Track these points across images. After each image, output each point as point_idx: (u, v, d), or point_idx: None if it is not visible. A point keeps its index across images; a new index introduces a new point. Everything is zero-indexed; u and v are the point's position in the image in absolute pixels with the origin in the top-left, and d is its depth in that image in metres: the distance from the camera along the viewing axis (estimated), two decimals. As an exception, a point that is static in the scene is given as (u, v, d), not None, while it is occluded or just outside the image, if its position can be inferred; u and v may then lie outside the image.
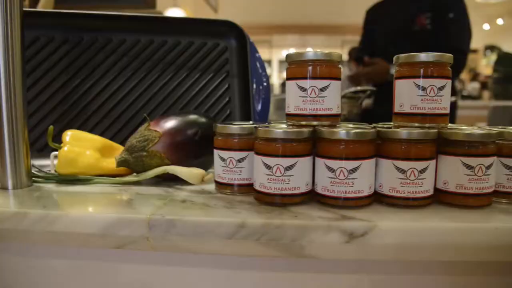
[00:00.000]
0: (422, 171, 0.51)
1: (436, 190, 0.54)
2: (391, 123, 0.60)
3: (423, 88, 0.55)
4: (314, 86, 0.55)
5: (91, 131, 0.71)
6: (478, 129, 0.54)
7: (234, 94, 0.75)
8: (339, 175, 0.51)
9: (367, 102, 1.00)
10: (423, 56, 0.55)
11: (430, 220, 0.48)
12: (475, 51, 6.35)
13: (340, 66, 0.57)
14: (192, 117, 0.63)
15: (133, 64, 0.72)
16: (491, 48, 4.15)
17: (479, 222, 0.48)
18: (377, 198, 0.54)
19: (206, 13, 6.34)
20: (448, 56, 0.56)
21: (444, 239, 0.47)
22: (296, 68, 0.56)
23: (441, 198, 0.54)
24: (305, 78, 0.55)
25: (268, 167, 0.52)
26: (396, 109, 0.57)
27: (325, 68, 0.55)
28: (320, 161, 0.52)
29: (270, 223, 0.47)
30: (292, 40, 8.17)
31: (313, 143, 0.54)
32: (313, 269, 0.53)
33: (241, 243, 0.48)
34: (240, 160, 0.57)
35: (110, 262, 0.56)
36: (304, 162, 0.52)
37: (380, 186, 0.53)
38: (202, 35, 0.75)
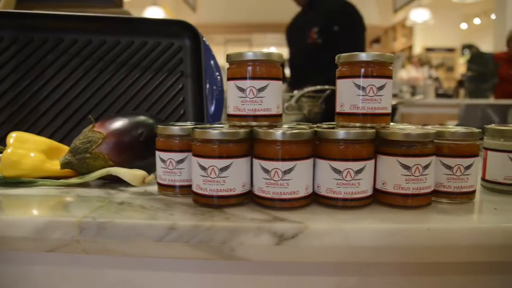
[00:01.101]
0: (359, 171, 0.51)
1: (375, 190, 0.54)
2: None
3: (363, 88, 0.54)
4: (252, 87, 0.54)
5: (41, 132, 0.70)
6: (416, 129, 0.54)
7: (188, 95, 0.74)
8: (273, 176, 0.50)
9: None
10: (363, 56, 0.54)
11: (363, 222, 0.48)
12: (452, 50, 6.41)
13: (280, 66, 0.57)
14: (138, 118, 0.63)
15: (85, 65, 0.71)
16: (468, 47, 4.17)
17: (412, 223, 0.48)
18: (316, 199, 0.54)
19: (185, 12, 6.32)
20: (389, 56, 0.55)
21: (376, 241, 0.46)
22: (236, 68, 0.55)
23: (380, 198, 0.54)
24: (244, 78, 0.54)
25: (203, 168, 0.51)
26: (338, 109, 0.57)
27: (264, 68, 0.54)
28: (256, 162, 0.52)
29: (200, 225, 0.47)
30: (272, 39, 8.15)
31: (250, 144, 0.53)
32: (246, 271, 0.53)
33: (171, 246, 0.47)
34: (180, 162, 0.56)
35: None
36: (240, 163, 0.52)
37: (318, 187, 0.53)
38: (156, 35, 0.74)
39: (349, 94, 0.55)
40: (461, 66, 6.39)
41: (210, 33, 7.66)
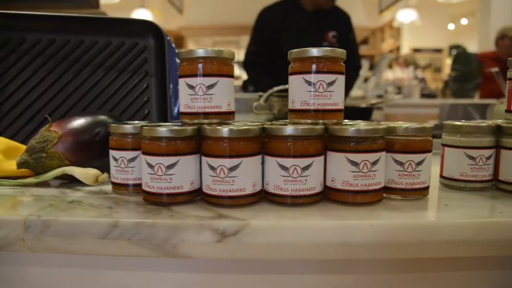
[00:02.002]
0: (306, 168, 0.50)
1: (326, 187, 0.54)
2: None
3: (313, 84, 0.54)
4: (202, 84, 0.54)
5: (4, 132, 0.70)
6: (366, 125, 0.53)
7: (152, 94, 0.74)
8: (219, 174, 0.50)
9: None
10: (313, 51, 0.54)
11: (306, 219, 0.48)
12: (439, 50, 6.42)
13: (232, 63, 0.57)
14: (95, 117, 0.63)
15: (48, 64, 0.71)
16: (456, 47, 4.17)
17: (356, 220, 0.47)
18: (266, 197, 0.53)
19: (173, 14, 6.34)
20: (340, 51, 0.55)
21: (316, 238, 0.46)
22: (187, 66, 0.55)
23: (330, 195, 0.53)
24: (194, 76, 0.54)
25: (150, 166, 0.51)
26: (289, 105, 0.57)
27: (213, 66, 0.54)
28: (203, 160, 0.52)
29: (142, 223, 0.47)
30: None
31: (199, 142, 0.53)
32: (191, 269, 0.52)
33: (115, 243, 0.47)
34: (131, 160, 0.56)
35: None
36: (188, 161, 0.52)
37: (267, 184, 0.53)
38: (120, 35, 0.74)
39: (299, 91, 0.55)
40: (448, 66, 6.40)
41: (198, 35, 7.65)
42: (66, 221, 0.48)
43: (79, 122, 0.62)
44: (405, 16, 5.56)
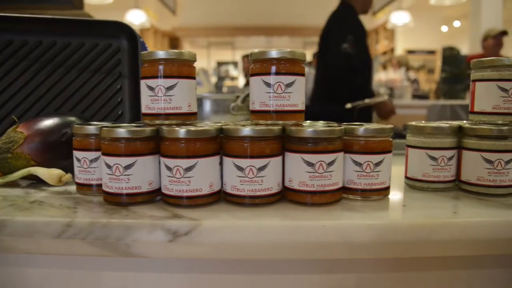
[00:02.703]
0: (261, 168, 0.51)
1: (285, 187, 0.54)
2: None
3: (271, 85, 0.54)
4: (161, 85, 0.54)
5: (-24, 133, 0.71)
6: (323, 126, 0.54)
7: (125, 95, 0.75)
8: (175, 174, 0.51)
9: None
10: (272, 53, 0.54)
11: (260, 219, 0.48)
12: (433, 52, 6.46)
13: (194, 65, 0.57)
14: (62, 119, 0.63)
15: (20, 66, 0.72)
16: (449, 49, 4.18)
17: (309, 220, 0.48)
18: (225, 197, 0.54)
19: (166, 15, 6.36)
20: (299, 53, 0.55)
21: (269, 238, 0.46)
22: (148, 67, 0.55)
23: (288, 196, 0.54)
24: (155, 77, 0.55)
25: (109, 166, 0.52)
26: (250, 106, 0.57)
27: (173, 67, 0.55)
28: (161, 160, 0.52)
29: (96, 222, 0.47)
30: (255, 42, 8.27)
31: (159, 142, 0.53)
32: (146, 268, 0.53)
33: (69, 243, 0.48)
34: (94, 161, 0.56)
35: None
36: (146, 161, 0.52)
37: (225, 184, 0.53)
38: (94, 36, 0.75)
39: (259, 92, 0.55)
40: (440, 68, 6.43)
41: (193, 35, 7.67)
42: (22, 221, 0.48)
43: (46, 123, 0.62)
44: (399, 18, 5.61)
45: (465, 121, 0.66)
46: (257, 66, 0.56)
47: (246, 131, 0.51)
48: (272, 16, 6.03)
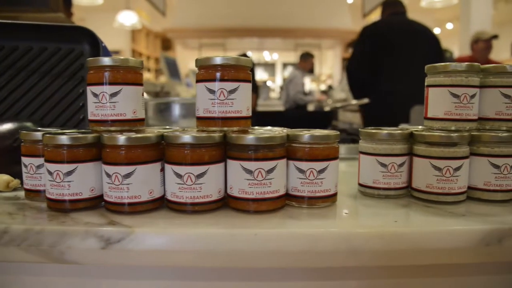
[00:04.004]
0: (200, 176, 0.51)
1: (227, 195, 0.54)
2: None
3: (214, 92, 0.54)
4: (105, 92, 0.54)
5: None
6: (268, 132, 0.53)
7: (87, 100, 0.75)
8: (114, 181, 0.51)
9: None
10: (216, 59, 0.54)
11: (194, 227, 0.48)
12: None
13: (140, 71, 0.57)
14: (16, 124, 0.64)
15: (-18, 71, 0.73)
16: (443, 51, 4.16)
17: (242, 228, 0.47)
18: (166, 204, 0.54)
19: (159, 16, 6.37)
20: (244, 60, 0.55)
21: (202, 246, 0.46)
22: (93, 74, 0.55)
23: (229, 203, 0.53)
24: (100, 84, 0.55)
25: (50, 173, 0.52)
26: (196, 113, 0.57)
27: (118, 74, 0.55)
28: (103, 167, 0.52)
29: (31, 229, 0.47)
30: (247, 43, 8.26)
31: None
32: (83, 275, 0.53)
33: (5, 249, 0.48)
34: (40, 167, 0.56)
35: None
36: (87, 168, 0.52)
37: (166, 191, 0.53)
38: (56, 41, 0.75)
39: (203, 98, 0.55)
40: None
41: (184, 37, 7.66)
42: (-41, 227, 0.48)
43: (-2, 128, 0.63)
44: None
45: (420, 127, 0.65)
46: (202, 72, 0.55)
47: (185, 138, 0.51)
48: (264, 18, 6.00)
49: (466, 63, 0.59)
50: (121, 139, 0.50)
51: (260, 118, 1.67)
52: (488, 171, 0.57)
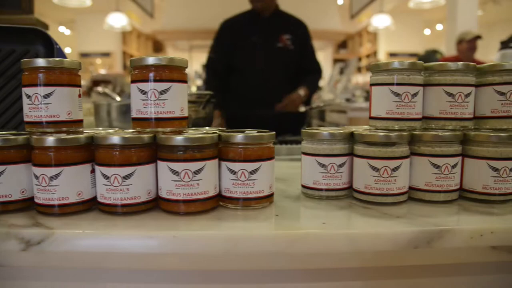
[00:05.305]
0: (127, 177, 0.50)
1: (158, 196, 0.53)
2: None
3: (145, 92, 0.54)
4: (37, 94, 0.54)
5: None
6: (198, 134, 0.53)
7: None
8: (41, 182, 0.50)
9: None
10: (148, 60, 0.54)
11: (113, 229, 0.47)
12: (415, 55, 6.43)
13: (78, 73, 0.57)
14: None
15: None
16: (433, 52, 4.09)
17: (162, 230, 0.47)
18: (98, 206, 0.53)
19: (148, 19, 6.37)
20: (179, 60, 0.55)
21: (117, 248, 0.46)
22: (27, 75, 0.55)
23: (159, 204, 0.53)
24: (34, 85, 0.55)
25: (-20, 174, 0.52)
26: (131, 114, 0.56)
27: (51, 75, 0.54)
28: (32, 169, 0.52)
29: (-47, 232, 0.47)
30: None
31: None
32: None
33: None
34: (-24, 168, 0.57)
35: None
36: (16, 170, 0.52)
37: (97, 193, 0.53)
38: (11, 42, 0.76)
39: (135, 99, 0.55)
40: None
41: (174, 39, 7.62)
42: None
43: None
44: (380, 21, 5.66)
45: (365, 126, 0.64)
46: (135, 73, 0.55)
47: (113, 139, 0.50)
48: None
49: (409, 61, 0.58)
50: (49, 140, 0.50)
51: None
52: (429, 171, 0.56)
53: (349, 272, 0.52)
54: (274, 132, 0.55)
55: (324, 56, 9.20)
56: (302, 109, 1.63)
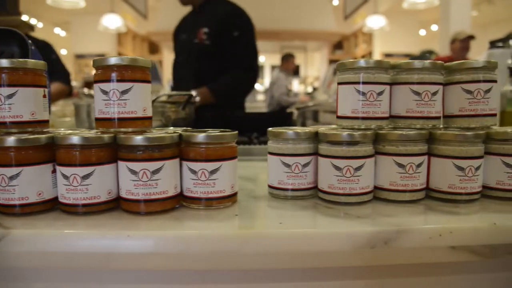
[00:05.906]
0: (85, 177, 0.50)
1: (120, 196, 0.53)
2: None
3: (107, 92, 0.54)
4: (0, 94, 0.54)
5: None
6: (157, 133, 0.53)
7: None
8: (1, 182, 0.51)
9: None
10: (110, 60, 0.54)
11: (70, 229, 0.47)
12: (410, 55, 6.41)
13: (44, 74, 0.57)
14: None
15: None
16: (428, 52, 4.08)
17: (118, 230, 0.47)
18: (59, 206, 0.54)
19: (143, 20, 6.37)
20: (142, 60, 0.55)
21: (73, 248, 0.46)
22: (-10, 76, 0.56)
23: (120, 204, 0.53)
24: (-4, 86, 0.55)
25: None
26: (94, 114, 0.56)
27: (14, 76, 0.54)
28: (-6, 169, 0.52)
29: None
30: None
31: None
32: None
33: None
34: None
35: None
36: (-22, 170, 0.52)
37: (58, 193, 0.53)
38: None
39: (97, 100, 0.55)
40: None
41: (169, 40, 7.60)
42: None
43: None
44: (375, 22, 5.66)
45: (333, 126, 0.64)
46: (98, 73, 0.55)
47: (73, 139, 0.50)
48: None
49: (375, 59, 0.58)
50: (9, 140, 0.50)
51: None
52: (394, 171, 0.56)
53: (309, 273, 0.52)
54: (236, 132, 0.55)
55: (319, 57, 9.19)
56: (289, 109, 1.62)
